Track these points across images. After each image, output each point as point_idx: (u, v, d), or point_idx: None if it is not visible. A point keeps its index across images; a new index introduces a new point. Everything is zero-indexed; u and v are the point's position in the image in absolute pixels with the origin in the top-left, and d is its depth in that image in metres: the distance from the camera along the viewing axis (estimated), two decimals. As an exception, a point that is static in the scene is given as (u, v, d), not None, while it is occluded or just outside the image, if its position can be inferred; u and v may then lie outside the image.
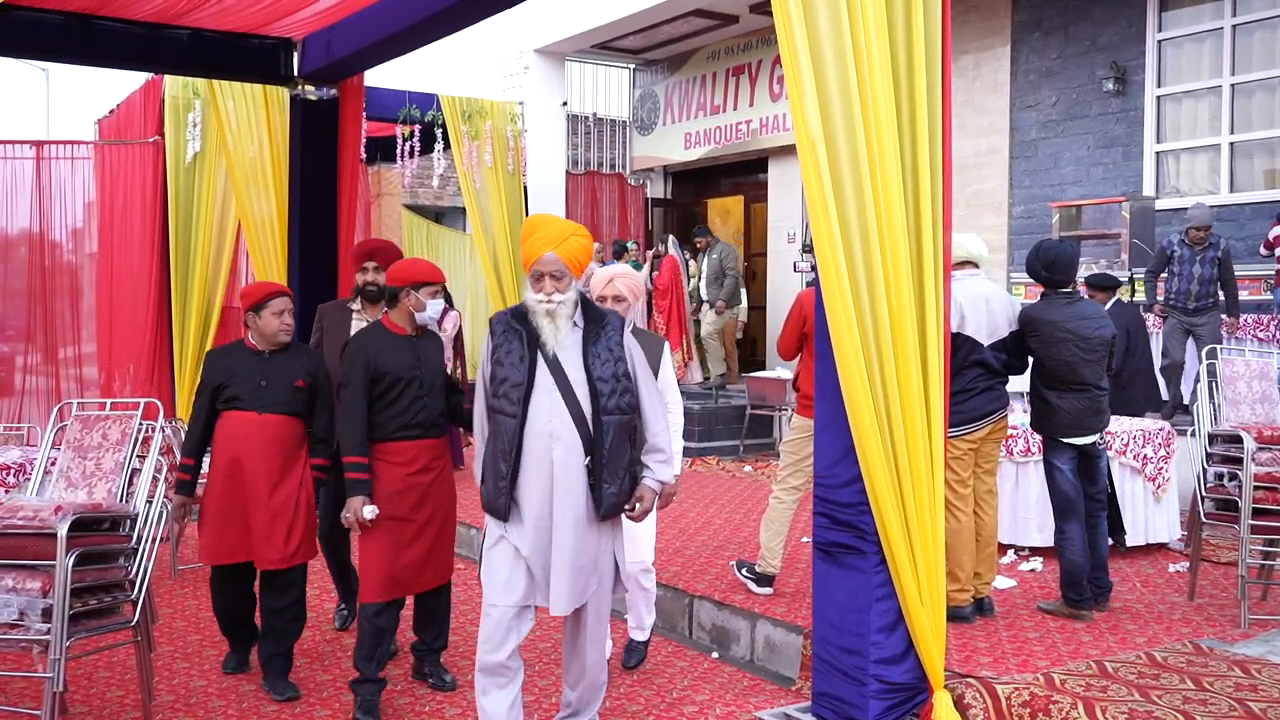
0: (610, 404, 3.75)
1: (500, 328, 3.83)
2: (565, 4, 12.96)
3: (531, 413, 3.71)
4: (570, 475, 3.73)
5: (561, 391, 3.72)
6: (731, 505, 8.35)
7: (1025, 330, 5.42)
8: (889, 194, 3.80)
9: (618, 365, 3.80)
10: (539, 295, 3.75)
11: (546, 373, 3.74)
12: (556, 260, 3.75)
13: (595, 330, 3.82)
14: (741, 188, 15.54)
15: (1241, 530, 5.25)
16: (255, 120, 8.43)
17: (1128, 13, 10.05)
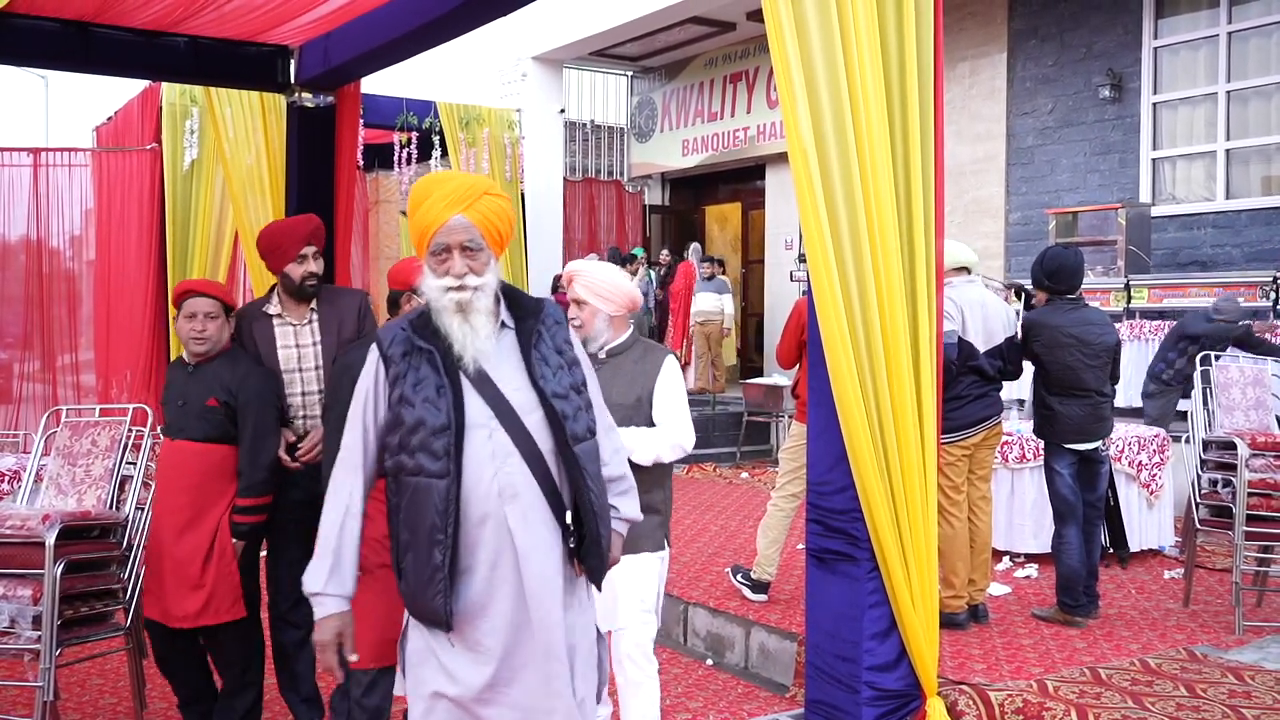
0: (579, 427, 2.66)
1: (398, 350, 2.64)
2: (563, 11, 12.98)
3: (468, 466, 2.56)
4: (541, 547, 2.61)
5: (505, 425, 2.59)
6: (728, 512, 8.35)
7: (1028, 335, 5.43)
8: (881, 202, 3.81)
9: (573, 371, 2.74)
10: (444, 280, 2.61)
11: (479, 401, 2.60)
12: (467, 226, 2.61)
13: (532, 326, 2.71)
14: (739, 195, 15.56)
15: (1236, 536, 5.25)
16: (252, 127, 8.42)
17: (1124, 20, 10.06)
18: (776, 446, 11.25)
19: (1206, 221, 9.61)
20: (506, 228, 2.71)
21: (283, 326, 4.36)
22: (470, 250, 2.60)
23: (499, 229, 2.68)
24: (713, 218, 16.20)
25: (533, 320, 2.70)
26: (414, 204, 2.67)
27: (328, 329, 4.38)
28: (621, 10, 12.60)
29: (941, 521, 5.34)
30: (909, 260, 3.90)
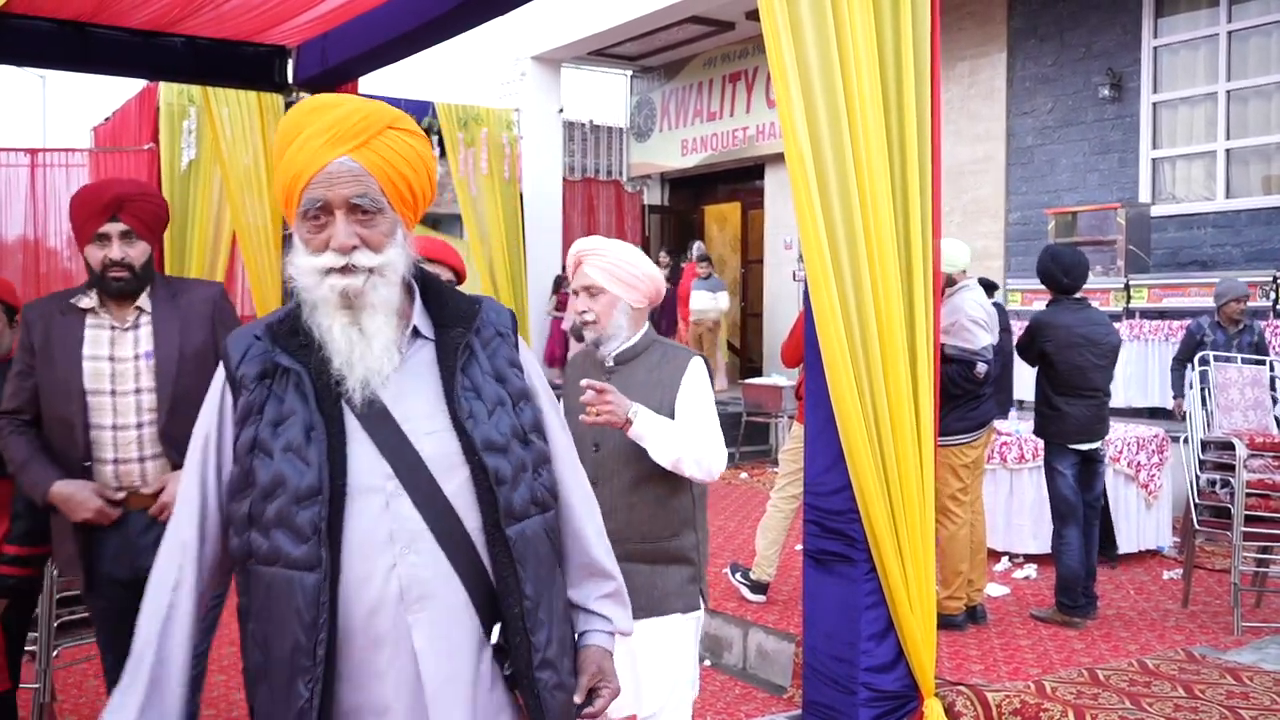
0: (518, 496, 1.81)
1: (253, 369, 1.78)
2: (561, 11, 12.97)
3: (351, 553, 1.71)
4: (462, 681, 1.77)
5: (411, 489, 1.75)
6: (726, 512, 8.33)
7: (1037, 334, 5.42)
8: (877, 202, 3.80)
9: (520, 409, 1.87)
10: (320, 258, 1.74)
11: (370, 452, 1.75)
12: (359, 175, 1.75)
13: (460, 338, 1.85)
14: (738, 194, 15.55)
15: (1234, 537, 5.24)
16: (250, 128, 8.43)
17: (1123, 19, 10.05)
18: (776, 447, 11.24)
19: (1206, 221, 9.59)
20: (423, 182, 1.83)
21: (96, 329, 3.15)
22: (363, 212, 1.73)
23: (410, 183, 1.80)
24: (712, 218, 16.20)
25: (462, 329, 1.84)
26: (281, 143, 1.79)
27: (164, 338, 3.17)
28: (620, 10, 12.58)
29: (946, 522, 5.34)
30: (906, 261, 3.89)
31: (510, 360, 1.91)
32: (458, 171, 10.40)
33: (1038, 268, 5.60)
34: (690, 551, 3.10)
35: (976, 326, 5.31)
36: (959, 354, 5.26)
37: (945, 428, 5.32)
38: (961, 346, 5.26)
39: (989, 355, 5.34)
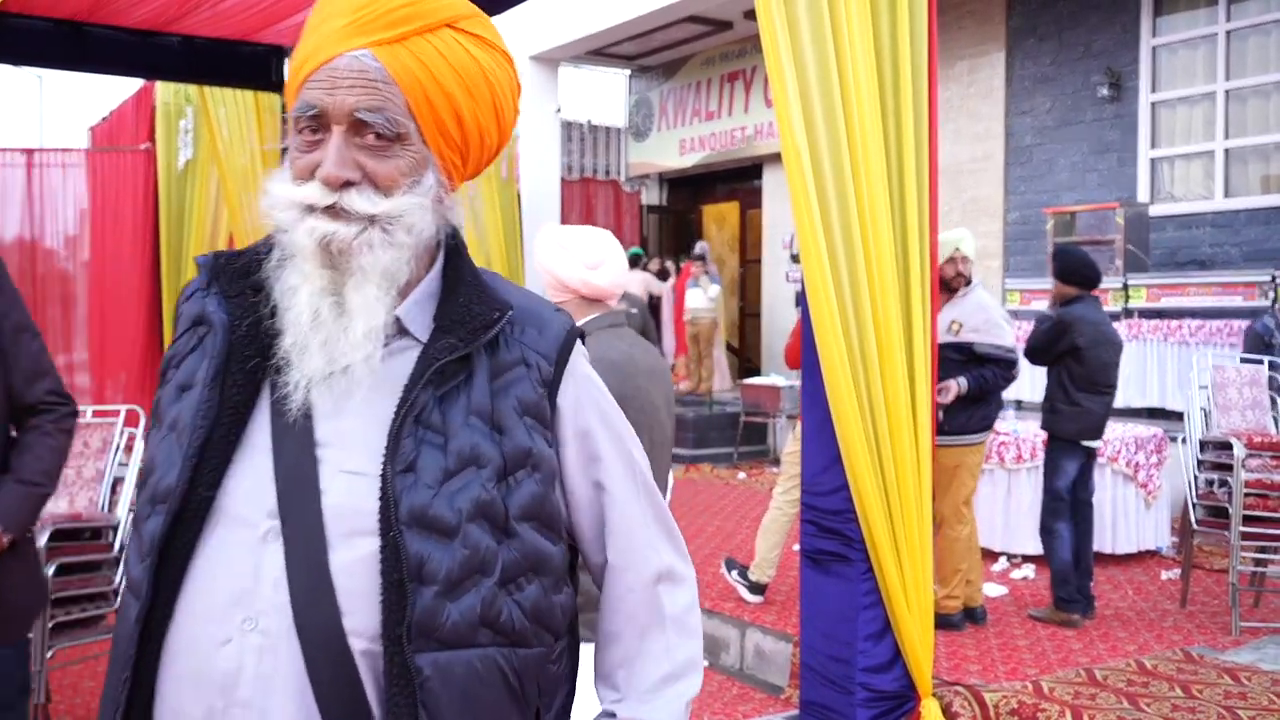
0: (455, 610, 1.20)
1: (191, 310, 1.38)
2: (559, 10, 12.96)
3: (187, 597, 1.23)
4: None
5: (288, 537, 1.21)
6: (724, 513, 8.32)
7: (1069, 330, 5.41)
8: (874, 201, 3.79)
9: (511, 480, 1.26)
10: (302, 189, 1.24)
11: (261, 466, 1.25)
12: (378, 81, 1.24)
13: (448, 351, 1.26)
14: (737, 194, 15.54)
15: (1232, 537, 5.23)
16: (247, 127, 8.43)
17: (1122, 19, 10.04)
18: (774, 447, 11.23)
19: (1205, 220, 9.58)
20: (485, 115, 1.32)
21: None
22: (375, 135, 1.23)
23: (460, 111, 1.28)
24: (710, 217, 16.19)
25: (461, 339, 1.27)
26: (305, 28, 1.31)
27: None
28: (618, 10, 12.57)
29: (955, 524, 5.33)
30: (903, 260, 3.88)
31: (526, 406, 1.29)
32: (455, 171, 10.37)
33: (1061, 266, 5.58)
34: None
35: (1006, 322, 5.44)
36: (998, 352, 5.31)
37: (966, 426, 5.33)
38: (999, 344, 5.31)
39: (1018, 351, 5.43)
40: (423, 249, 1.30)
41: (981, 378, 5.25)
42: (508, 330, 1.32)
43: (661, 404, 2.72)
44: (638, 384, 2.61)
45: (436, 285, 1.33)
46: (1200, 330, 8.33)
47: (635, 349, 2.73)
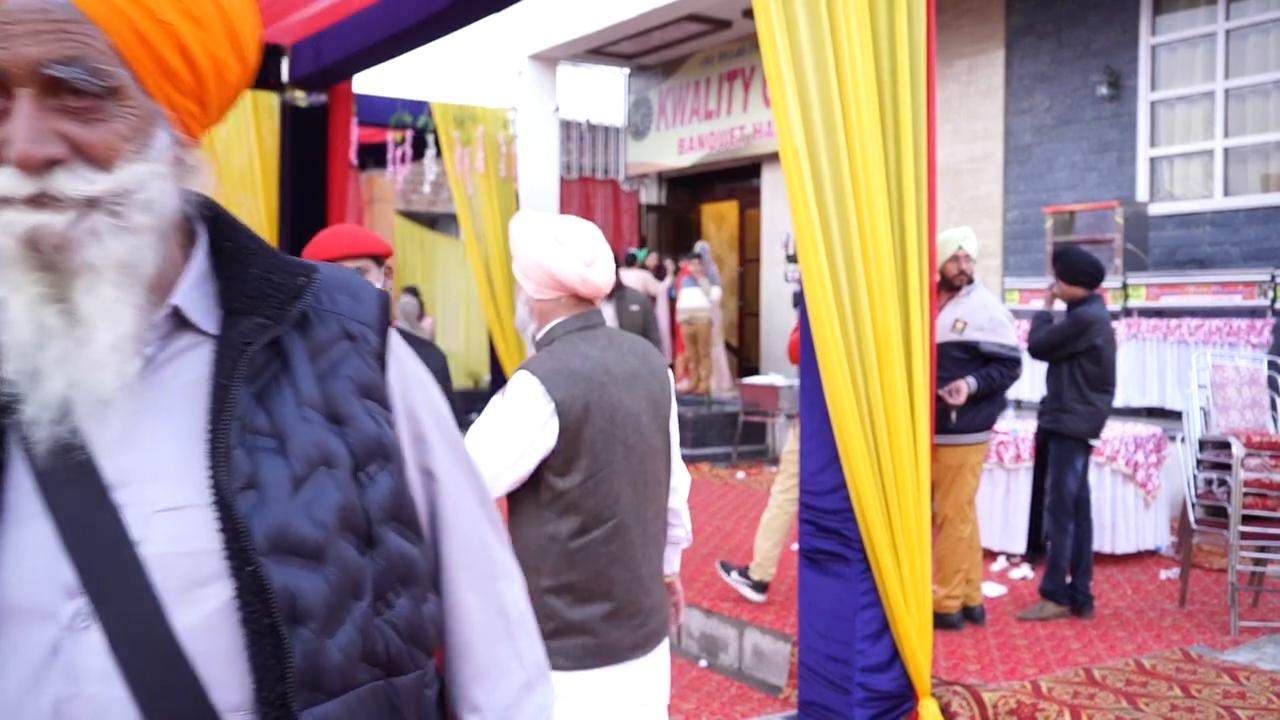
0: (335, 647, 0.98)
1: None
2: (558, 9, 12.96)
3: None
4: None
5: (104, 617, 0.91)
6: (723, 513, 8.32)
7: (1088, 329, 5.41)
8: (873, 200, 3.78)
9: (365, 474, 1.05)
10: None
11: (38, 535, 0.93)
12: (67, 21, 0.93)
13: (256, 333, 1.03)
14: (736, 193, 15.54)
15: (1231, 536, 5.22)
16: (244, 126, 8.42)
17: (1121, 17, 10.03)
18: (773, 447, 11.22)
19: (1204, 220, 9.57)
20: (212, 37, 1.04)
21: None
22: (73, 93, 0.95)
23: (186, 44, 1.01)
24: (709, 216, 16.18)
25: (268, 318, 1.06)
26: None
27: None
28: (617, 8, 12.57)
29: (958, 523, 5.32)
30: (901, 259, 3.87)
31: (362, 386, 1.09)
32: (454, 170, 10.39)
33: (1067, 266, 5.57)
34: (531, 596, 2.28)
35: (1009, 318, 5.44)
36: (1004, 351, 5.31)
37: (969, 425, 5.33)
38: (1004, 343, 5.32)
39: (1023, 348, 5.43)
40: (169, 226, 1.03)
41: (988, 376, 5.25)
42: (318, 300, 1.10)
43: (643, 410, 2.52)
44: (606, 392, 2.44)
45: (206, 264, 1.08)
46: (1200, 329, 8.33)
47: (608, 352, 2.50)
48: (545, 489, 2.41)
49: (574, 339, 2.50)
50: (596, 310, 2.58)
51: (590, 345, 2.49)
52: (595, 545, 2.42)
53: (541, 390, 2.38)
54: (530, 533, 2.43)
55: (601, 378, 2.45)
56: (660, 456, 2.60)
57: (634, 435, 2.48)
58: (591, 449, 2.41)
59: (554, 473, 2.40)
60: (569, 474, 2.40)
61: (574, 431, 2.39)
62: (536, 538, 2.42)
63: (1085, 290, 5.50)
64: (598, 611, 2.42)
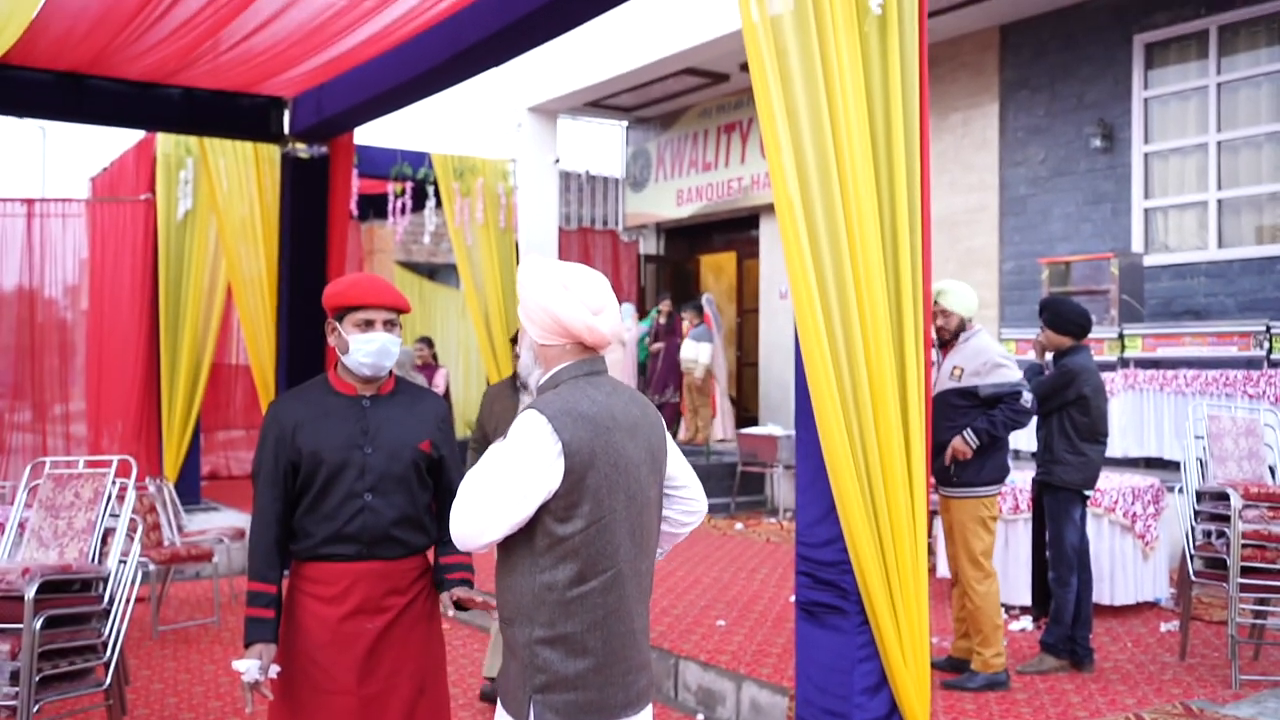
0: None
1: None
2: (558, 62, 13.09)
3: None
4: None
5: None
6: (721, 564, 8.27)
7: (1075, 379, 5.41)
8: (867, 254, 3.81)
9: None
10: None
11: None
12: None
13: None
14: (734, 244, 15.60)
15: (1231, 589, 5.20)
16: (246, 178, 8.50)
17: (1113, 71, 10.14)
18: (771, 497, 11.19)
19: (1199, 270, 9.62)
20: None
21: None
22: None
23: None
24: (708, 267, 16.25)
25: None
26: None
27: None
28: (616, 61, 12.70)
29: (982, 578, 5.26)
30: (896, 310, 3.89)
31: None
32: (454, 221, 10.46)
33: (1055, 316, 5.58)
34: (521, 647, 2.39)
35: (1007, 361, 5.36)
36: (999, 390, 5.24)
37: (979, 478, 5.28)
38: (1000, 383, 5.26)
39: (1028, 385, 5.35)
40: None
41: (990, 421, 5.21)
42: None
43: (643, 460, 2.49)
44: (612, 439, 2.41)
45: None
46: (1196, 380, 8.34)
47: (614, 399, 2.49)
48: (543, 535, 2.36)
49: (580, 383, 2.47)
50: (600, 358, 2.55)
51: (596, 390, 2.46)
52: (593, 596, 2.37)
53: (549, 429, 2.34)
54: (524, 581, 2.38)
55: (607, 423, 2.42)
56: (654, 509, 2.56)
57: (635, 485, 2.45)
58: (595, 495, 2.36)
59: (554, 517, 2.35)
60: (570, 519, 2.35)
61: (579, 475, 2.35)
62: (531, 586, 2.37)
63: (1073, 340, 5.51)
64: (591, 665, 2.36)
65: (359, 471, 2.95)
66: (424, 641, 3.06)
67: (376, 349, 2.99)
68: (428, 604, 3.09)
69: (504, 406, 4.96)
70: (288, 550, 2.99)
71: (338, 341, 3.02)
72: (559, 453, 2.33)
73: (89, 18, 5.87)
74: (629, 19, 10.40)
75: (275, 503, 2.95)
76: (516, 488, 2.33)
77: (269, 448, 2.97)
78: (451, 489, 3.08)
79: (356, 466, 2.95)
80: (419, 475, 3.05)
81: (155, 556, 6.55)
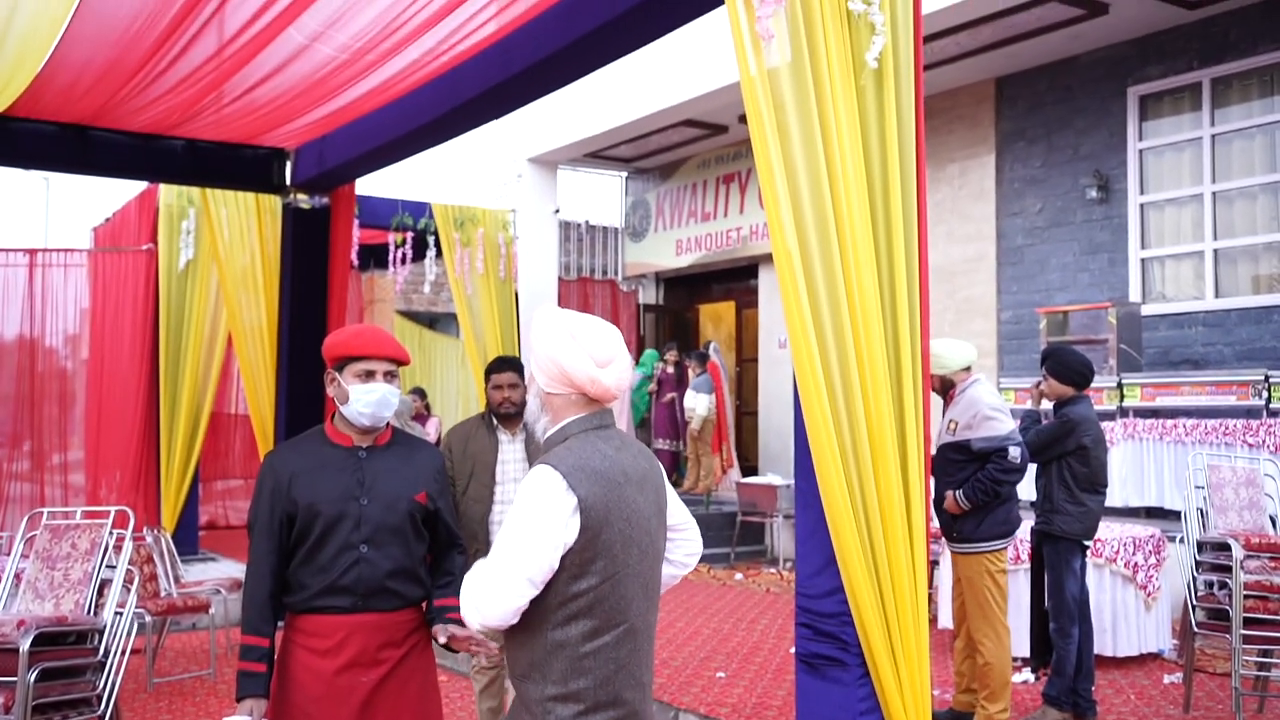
0: None
1: None
2: (557, 114, 13.21)
3: None
4: None
5: None
6: (721, 614, 8.22)
7: (1076, 429, 5.40)
8: (865, 303, 3.82)
9: None
10: None
11: None
12: None
13: None
14: (733, 293, 15.66)
15: (1234, 640, 5.16)
16: (247, 228, 8.54)
17: (1108, 123, 10.24)
18: (771, 547, 11.14)
19: (1197, 320, 9.66)
20: None
21: None
22: None
23: None
24: (707, 316, 16.30)
25: None
26: None
27: None
28: (616, 113, 12.83)
29: (990, 632, 5.21)
30: (895, 362, 3.89)
31: None
32: (454, 271, 10.50)
33: (1059, 365, 5.58)
34: (534, 704, 2.36)
35: (998, 413, 5.30)
36: (988, 445, 5.21)
37: (983, 533, 5.24)
38: (990, 436, 5.22)
39: (1018, 438, 5.29)
40: None
41: (979, 481, 5.17)
42: None
43: (653, 513, 2.50)
44: (624, 494, 2.40)
45: None
46: (1196, 429, 8.34)
47: (623, 453, 2.49)
48: (555, 592, 2.33)
49: (590, 437, 2.45)
50: (609, 410, 2.53)
51: (607, 445, 2.45)
52: (606, 650, 2.35)
53: (564, 485, 2.32)
54: (536, 638, 2.36)
55: (619, 479, 2.41)
56: (660, 562, 2.56)
57: (646, 538, 2.45)
58: (609, 551, 2.35)
59: (568, 574, 2.32)
60: (584, 576, 2.33)
61: (595, 531, 2.33)
62: (543, 643, 2.34)
63: (1075, 390, 5.52)
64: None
65: (355, 523, 2.93)
66: (420, 695, 3.02)
67: (377, 399, 3.00)
68: (423, 656, 3.06)
69: (481, 447, 4.72)
70: (281, 603, 2.96)
71: (337, 392, 3.02)
72: (574, 508, 2.32)
73: (94, 71, 5.92)
74: (628, 71, 10.50)
75: (270, 555, 2.93)
76: (537, 546, 2.30)
77: (264, 499, 2.95)
78: (446, 540, 3.11)
79: (352, 518, 2.94)
80: (414, 527, 3.04)
81: (151, 608, 6.52)
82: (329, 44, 5.55)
